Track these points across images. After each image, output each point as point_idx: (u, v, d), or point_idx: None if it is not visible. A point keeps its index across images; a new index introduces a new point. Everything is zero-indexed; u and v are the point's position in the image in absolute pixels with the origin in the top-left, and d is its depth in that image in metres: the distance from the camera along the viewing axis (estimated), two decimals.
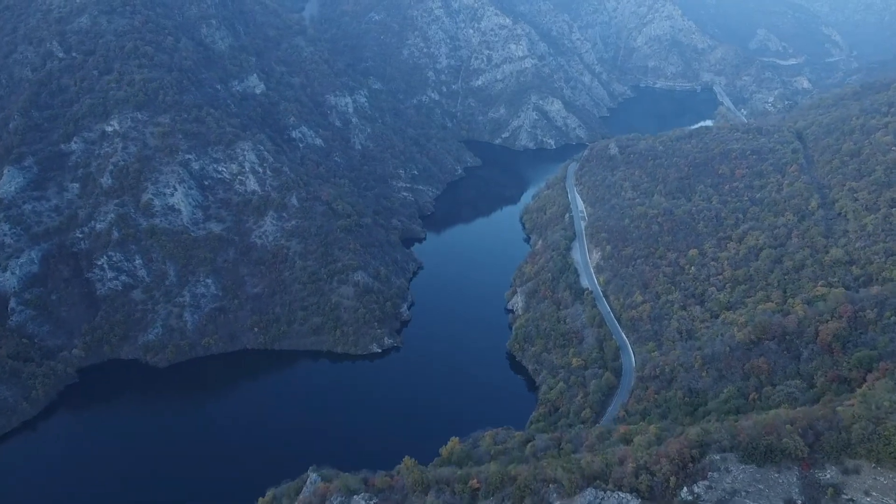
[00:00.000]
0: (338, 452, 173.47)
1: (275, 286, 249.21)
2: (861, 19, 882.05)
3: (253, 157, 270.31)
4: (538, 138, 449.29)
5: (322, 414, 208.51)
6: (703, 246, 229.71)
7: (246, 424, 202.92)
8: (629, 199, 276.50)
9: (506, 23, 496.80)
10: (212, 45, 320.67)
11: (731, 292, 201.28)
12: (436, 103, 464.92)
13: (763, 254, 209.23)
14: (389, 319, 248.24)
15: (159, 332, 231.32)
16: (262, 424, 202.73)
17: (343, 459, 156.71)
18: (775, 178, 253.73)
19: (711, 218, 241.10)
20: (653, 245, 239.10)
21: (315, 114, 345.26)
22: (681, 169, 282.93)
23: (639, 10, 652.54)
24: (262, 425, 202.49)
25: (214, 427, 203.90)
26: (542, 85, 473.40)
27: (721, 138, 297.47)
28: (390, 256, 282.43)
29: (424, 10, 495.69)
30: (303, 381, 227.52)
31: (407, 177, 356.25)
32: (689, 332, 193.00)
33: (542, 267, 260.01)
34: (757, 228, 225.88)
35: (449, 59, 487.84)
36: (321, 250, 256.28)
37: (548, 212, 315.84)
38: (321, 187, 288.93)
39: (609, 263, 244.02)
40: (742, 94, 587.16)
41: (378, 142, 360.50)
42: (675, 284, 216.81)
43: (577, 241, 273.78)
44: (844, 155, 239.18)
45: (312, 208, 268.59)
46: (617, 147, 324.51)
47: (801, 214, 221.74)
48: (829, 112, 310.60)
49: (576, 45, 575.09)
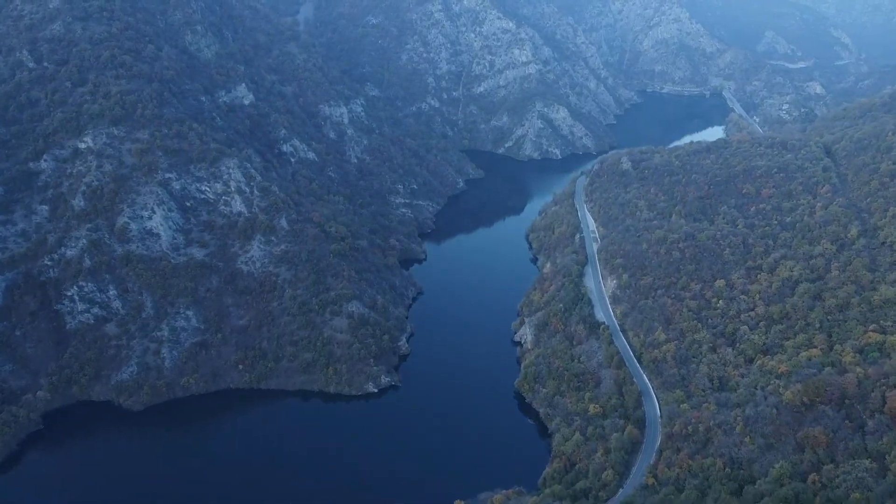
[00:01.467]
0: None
1: (262, 318, 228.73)
2: (868, 21, 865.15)
3: (239, 175, 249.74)
4: (543, 148, 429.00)
5: (310, 466, 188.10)
6: (730, 276, 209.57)
7: (227, 473, 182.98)
8: (645, 220, 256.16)
9: (509, 27, 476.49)
10: (197, 52, 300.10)
11: (767, 333, 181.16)
12: (436, 111, 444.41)
13: (800, 289, 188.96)
14: (387, 354, 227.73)
15: (134, 370, 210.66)
16: (244, 473, 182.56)
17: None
18: (806, 199, 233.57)
19: (738, 244, 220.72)
20: (674, 274, 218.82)
21: (308, 125, 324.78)
22: (701, 187, 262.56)
23: (645, 13, 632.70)
24: (245, 474, 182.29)
25: (193, 476, 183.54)
26: (547, 92, 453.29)
27: (743, 153, 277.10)
28: (388, 282, 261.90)
29: (424, 14, 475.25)
30: (291, 426, 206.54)
31: (406, 192, 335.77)
32: (722, 380, 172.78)
33: (552, 296, 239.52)
34: (790, 258, 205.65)
35: (449, 65, 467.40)
36: (312, 278, 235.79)
37: (556, 231, 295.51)
38: (313, 207, 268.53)
39: (626, 294, 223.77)
40: (752, 99, 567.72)
41: (375, 154, 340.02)
42: (702, 321, 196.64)
43: (590, 267, 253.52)
44: (884, 175, 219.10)
45: (303, 231, 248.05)
46: (630, 161, 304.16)
47: (840, 243, 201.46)
48: (858, 125, 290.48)
49: (580, 49, 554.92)
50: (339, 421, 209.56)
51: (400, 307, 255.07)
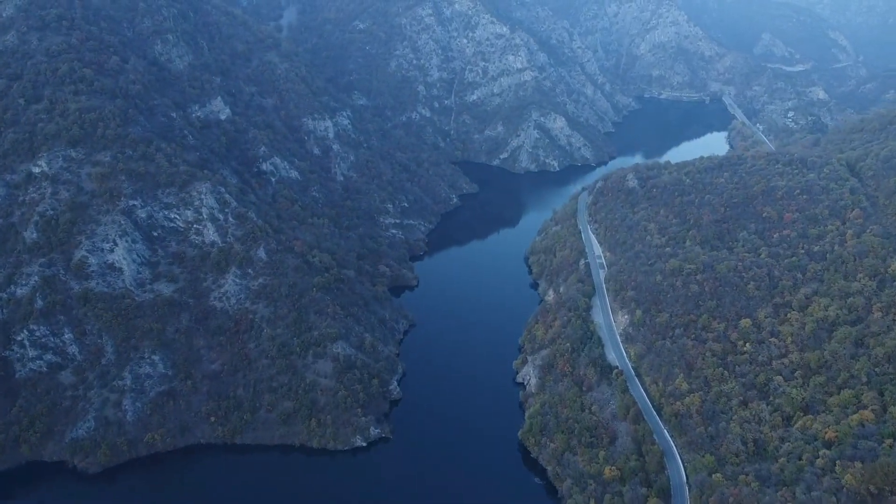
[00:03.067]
0: None
1: (237, 362, 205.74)
2: (863, 22, 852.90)
3: (212, 200, 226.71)
4: (540, 159, 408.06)
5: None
6: (756, 314, 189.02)
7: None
8: (657, 247, 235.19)
9: (503, 31, 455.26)
10: (167, 64, 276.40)
11: (805, 385, 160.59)
12: (427, 121, 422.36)
13: (839, 332, 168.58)
14: (376, 401, 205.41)
15: (92, 426, 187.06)
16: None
17: None
18: (834, 224, 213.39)
19: (763, 277, 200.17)
20: (693, 311, 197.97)
21: (290, 141, 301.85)
22: (716, 210, 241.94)
23: (641, 16, 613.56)
24: None
25: None
26: (543, 100, 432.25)
27: (759, 171, 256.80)
28: (377, 316, 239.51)
29: (414, 19, 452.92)
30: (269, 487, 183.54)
31: (396, 211, 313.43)
32: (758, 443, 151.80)
33: (557, 332, 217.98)
34: (823, 294, 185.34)
35: (441, 72, 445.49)
36: (293, 315, 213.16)
37: (558, 254, 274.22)
38: (295, 233, 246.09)
39: (640, 333, 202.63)
40: (753, 104, 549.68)
41: (363, 171, 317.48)
42: (728, 368, 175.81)
43: (598, 298, 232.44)
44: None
45: (283, 262, 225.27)
46: (636, 179, 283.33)
47: (880, 279, 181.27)
48: (880, 139, 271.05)
49: (576, 53, 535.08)
50: (324, 480, 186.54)
51: (390, 344, 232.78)
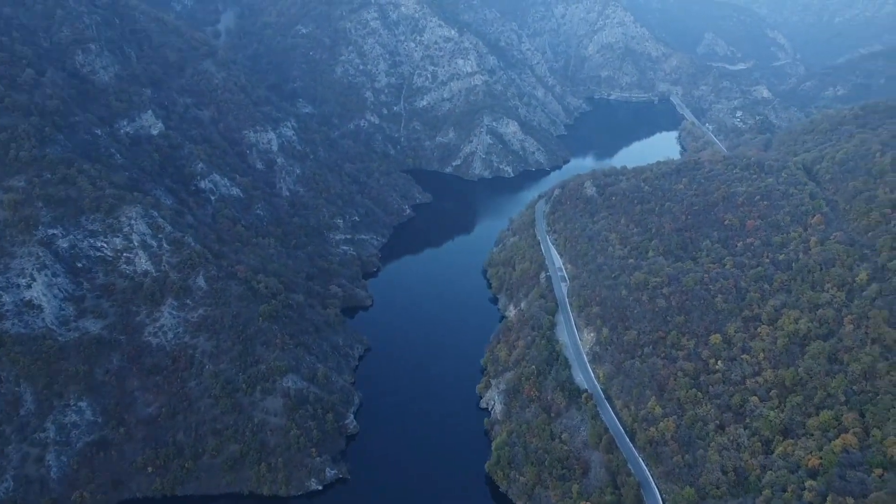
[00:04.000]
0: None
1: (176, 403, 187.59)
2: (799, 20, 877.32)
3: (143, 226, 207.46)
4: (494, 165, 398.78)
5: None
6: (725, 329, 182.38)
7: None
8: (620, 259, 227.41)
9: (451, 35, 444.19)
10: (91, 76, 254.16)
11: (782, 406, 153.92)
12: (376, 128, 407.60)
13: (812, 348, 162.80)
14: (331, 438, 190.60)
15: (10, 486, 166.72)
16: None
17: None
18: (797, 231, 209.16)
19: (730, 289, 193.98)
20: (662, 327, 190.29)
21: (230, 155, 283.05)
22: (677, 218, 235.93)
23: (588, 17, 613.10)
24: None
25: None
26: (495, 104, 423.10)
27: (718, 177, 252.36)
28: (330, 343, 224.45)
29: (359, 22, 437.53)
30: None
31: (346, 226, 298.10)
32: (739, 472, 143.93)
33: (521, 354, 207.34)
34: (792, 306, 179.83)
35: (389, 77, 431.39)
36: (238, 348, 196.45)
37: (517, 267, 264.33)
38: (238, 256, 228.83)
39: (608, 352, 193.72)
40: (701, 104, 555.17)
41: (310, 185, 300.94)
42: (701, 389, 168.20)
43: (561, 314, 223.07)
44: (884, 206, 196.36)
45: (226, 290, 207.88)
46: (594, 186, 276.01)
47: (848, 289, 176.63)
48: (833, 141, 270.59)
49: (526, 55, 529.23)
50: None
51: (345, 372, 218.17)
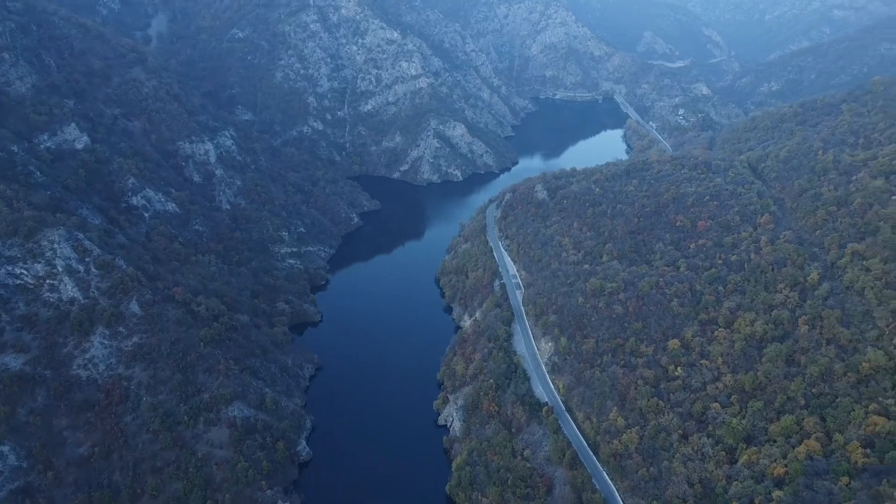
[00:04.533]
0: None
1: (111, 441, 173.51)
2: (731, 18, 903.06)
3: (68, 249, 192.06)
4: (442, 169, 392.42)
5: None
6: (683, 334, 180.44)
7: None
8: (574, 264, 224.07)
9: (394, 37, 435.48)
10: (5, 87, 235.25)
11: (743, 412, 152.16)
12: (320, 134, 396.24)
13: (769, 350, 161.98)
14: (283, 468, 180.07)
15: None
16: None
17: None
18: (747, 231, 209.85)
19: (685, 292, 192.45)
20: (620, 334, 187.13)
21: (165, 168, 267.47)
22: (629, 220, 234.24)
23: (531, 17, 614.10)
24: None
25: None
26: (441, 107, 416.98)
27: (667, 177, 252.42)
28: (278, 364, 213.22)
29: (298, 25, 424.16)
30: None
31: (292, 238, 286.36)
32: (706, 484, 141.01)
33: (479, 367, 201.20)
34: (747, 308, 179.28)
35: (331, 81, 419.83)
36: (178, 377, 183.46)
37: (470, 275, 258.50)
38: (176, 276, 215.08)
39: (567, 362, 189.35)
40: (643, 102, 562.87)
41: (252, 196, 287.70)
42: (662, 397, 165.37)
43: (518, 324, 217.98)
44: (829, 203, 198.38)
45: (163, 314, 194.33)
46: (545, 190, 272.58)
47: (801, 289, 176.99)
48: (774, 138, 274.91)
49: (470, 57, 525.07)
50: None
51: (295, 395, 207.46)
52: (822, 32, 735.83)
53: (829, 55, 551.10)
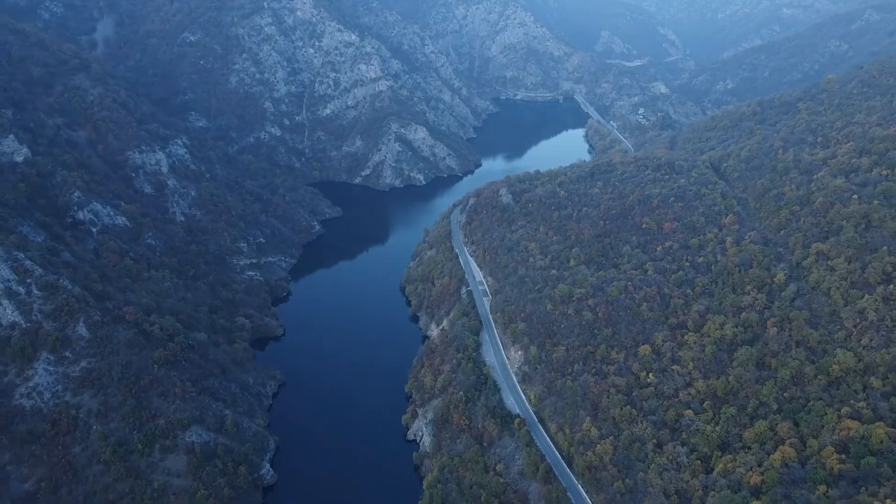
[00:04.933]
0: None
1: (59, 475, 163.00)
2: (685, 17, 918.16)
3: (6, 271, 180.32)
4: (405, 174, 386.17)
5: None
6: (653, 339, 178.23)
7: None
8: (541, 269, 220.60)
9: (352, 39, 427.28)
10: None
11: (716, 419, 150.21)
12: (278, 140, 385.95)
13: (740, 354, 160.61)
14: (245, 494, 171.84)
15: None
16: None
17: None
18: (712, 232, 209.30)
19: (654, 296, 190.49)
20: (590, 341, 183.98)
21: (113, 180, 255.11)
22: (595, 223, 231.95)
23: (489, 17, 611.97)
24: None
25: None
26: (402, 110, 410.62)
27: (631, 179, 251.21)
28: (239, 383, 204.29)
29: (252, 28, 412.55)
30: None
31: (251, 249, 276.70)
32: (682, 494, 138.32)
33: (448, 379, 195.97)
34: (716, 311, 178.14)
35: (289, 86, 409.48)
36: (131, 403, 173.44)
37: (436, 283, 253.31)
38: (126, 296, 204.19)
39: (538, 371, 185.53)
40: (603, 101, 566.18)
41: (207, 207, 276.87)
42: (635, 405, 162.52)
43: (486, 332, 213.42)
44: (792, 203, 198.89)
45: (113, 337, 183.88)
46: (510, 194, 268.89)
47: (768, 290, 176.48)
48: (734, 137, 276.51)
49: (430, 58, 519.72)
50: None
51: (258, 415, 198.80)
52: (772, 30, 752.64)
53: (782, 53, 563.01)
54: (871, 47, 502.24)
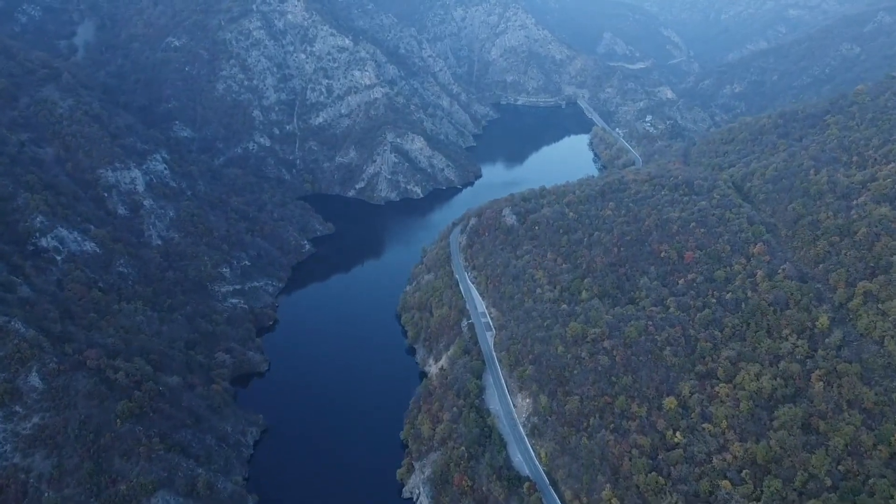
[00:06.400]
0: None
1: None
2: (688, 18, 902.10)
3: None
4: (401, 186, 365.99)
5: None
6: (679, 389, 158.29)
7: None
8: (551, 302, 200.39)
9: (345, 44, 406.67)
10: None
11: (758, 492, 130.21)
12: (267, 151, 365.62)
13: (781, 414, 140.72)
14: None
15: None
16: None
17: None
18: (739, 263, 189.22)
19: (678, 338, 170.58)
20: (608, 391, 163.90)
21: (83, 201, 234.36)
22: (609, 251, 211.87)
23: (489, 20, 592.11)
24: None
25: None
26: (398, 118, 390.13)
27: (646, 200, 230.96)
28: (215, 434, 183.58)
29: (240, 32, 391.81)
30: None
31: (234, 274, 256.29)
32: None
33: (448, 430, 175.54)
34: (749, 358, 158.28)
35: (279, 93, 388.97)
36: (88, 466, 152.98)
37: (435, 313, 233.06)
38: (91, 335, 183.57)
39: (549, 424, 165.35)
40: (607, 106, 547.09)
41: (187, 228, 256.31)
42: (662, 472, 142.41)
43: (490, 373, 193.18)
44: (830, 233, 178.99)
45: (70, 387, 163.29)
46: (514, 214, 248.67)
47: (809, 336, 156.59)
48: (755, 153, 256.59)
49: (428, 63, 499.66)
50: None
51: (235, 470, 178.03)
52: (778, 32, 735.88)
53: (791, 56, 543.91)
54: (885, 51, 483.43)
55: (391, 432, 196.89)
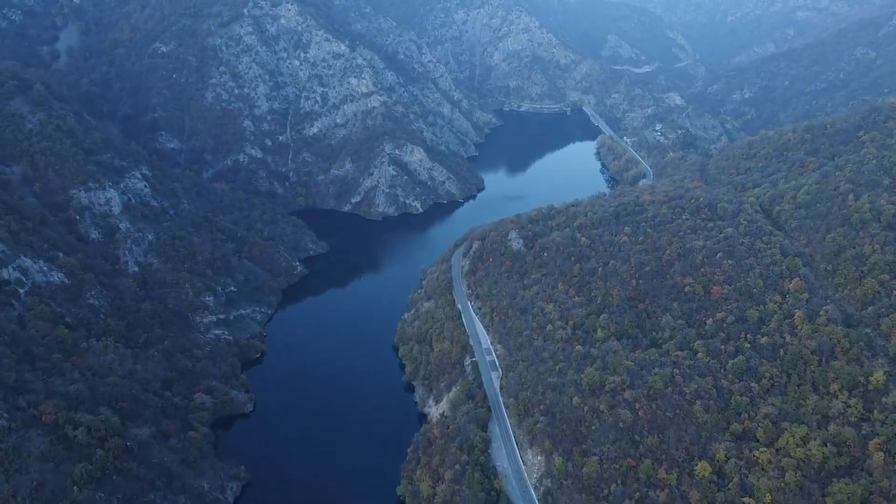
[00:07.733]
0: None
1: None
2: (693, 20, 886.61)
3: None
4: (400, 200, 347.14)
5: None
6: (713, 452, 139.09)
7: None
8: (563, 342, 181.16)
9: (341, 50, 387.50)
10: None
11: None
12: (258, 163, 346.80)
13: (837, 490, 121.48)
14: None
15: None
16: None
17: None
18: (774, 300, 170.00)
19: (709, 389, 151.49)
20: (630, 452, 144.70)
21: (51, 225, 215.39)
22: (626, 282, 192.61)
23: (492, 23, 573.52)
24: None
25: None
26: (397, 128, 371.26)
27: (666, 225, 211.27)
28: (190, 492, 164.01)
29: (231, 38, 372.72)
30: None
31: (218, 302, 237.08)
32: None
33: (449, 492, 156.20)
34: (793, 417, 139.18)
35: (271, 102, 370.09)
36: None
37: (435, 347, 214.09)
38: (51, 383, 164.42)
39: (564, 490, 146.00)
40: (613, 113, 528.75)
41: (167, 253, 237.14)
42: None
43: (496, 423, 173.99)
44: (879, 269, 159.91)
45: (22, 448, 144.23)
46: (521, 238, 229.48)
47: (863, 393, 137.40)
48: (781, 170, 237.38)
49: (428, 68, 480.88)
50: None
51: None
52: (786, 34, 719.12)
53: (803, 60, 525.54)
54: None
55: (387, 486, 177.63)
